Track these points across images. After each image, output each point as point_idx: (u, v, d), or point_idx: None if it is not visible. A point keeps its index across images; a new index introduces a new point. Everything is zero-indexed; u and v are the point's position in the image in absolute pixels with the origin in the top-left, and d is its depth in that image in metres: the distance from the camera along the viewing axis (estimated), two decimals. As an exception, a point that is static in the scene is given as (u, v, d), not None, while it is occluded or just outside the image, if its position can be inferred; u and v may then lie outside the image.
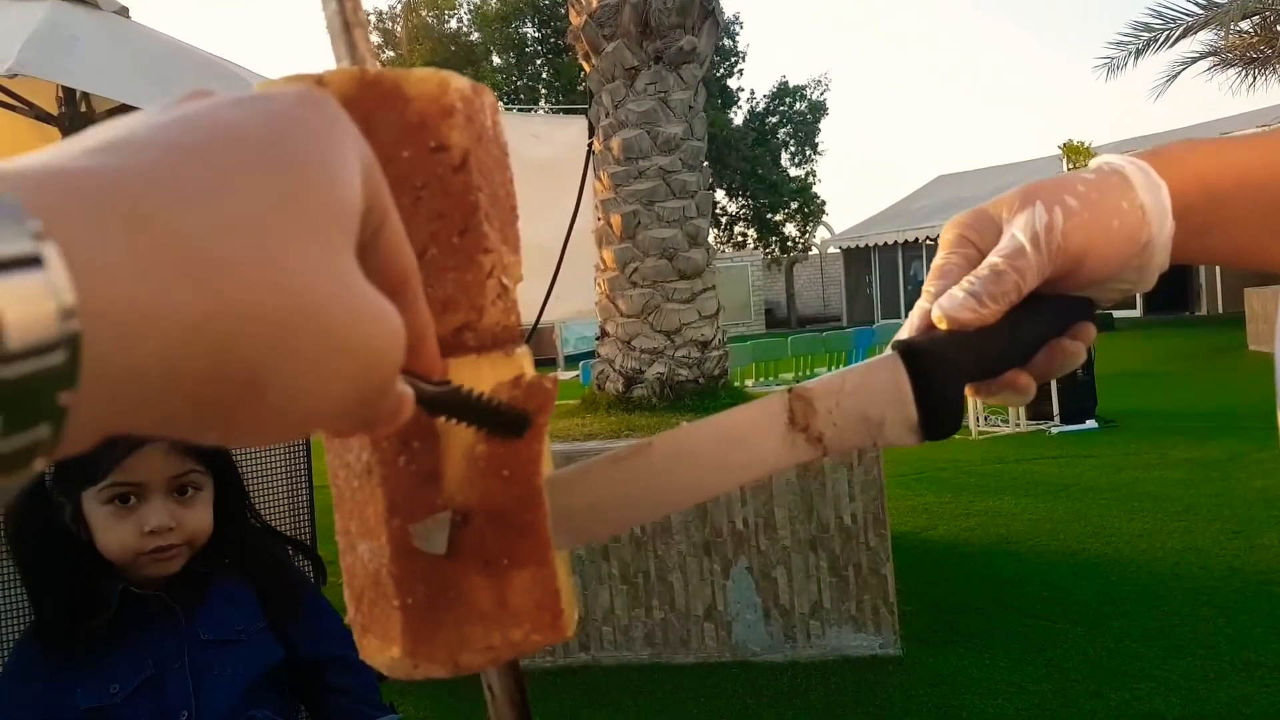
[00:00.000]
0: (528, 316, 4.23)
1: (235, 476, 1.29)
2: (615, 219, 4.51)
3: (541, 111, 20.47)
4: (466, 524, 0.39)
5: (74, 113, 4.08)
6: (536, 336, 5.11)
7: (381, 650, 0.39)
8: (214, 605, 1.20)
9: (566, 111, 10.76)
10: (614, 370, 4.62)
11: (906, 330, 0.53)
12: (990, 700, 2.92)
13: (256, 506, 1.38)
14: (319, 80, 0.36)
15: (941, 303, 0.50)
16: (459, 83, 0.38)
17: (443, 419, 0.36)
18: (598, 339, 4.77)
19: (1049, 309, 0.52)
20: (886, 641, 3.40)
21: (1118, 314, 18.98)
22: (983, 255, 0.52)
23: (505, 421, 0.38)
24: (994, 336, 0.50)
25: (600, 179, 4.60)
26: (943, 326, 0.50)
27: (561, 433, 4.03)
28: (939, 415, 0.49)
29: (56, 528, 1.17)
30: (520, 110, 19.04)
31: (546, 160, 5.48)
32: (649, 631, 3.68)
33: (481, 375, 0.40)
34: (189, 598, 1.18)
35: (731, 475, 0.48)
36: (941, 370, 0.49)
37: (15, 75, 3.05)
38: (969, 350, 0.49)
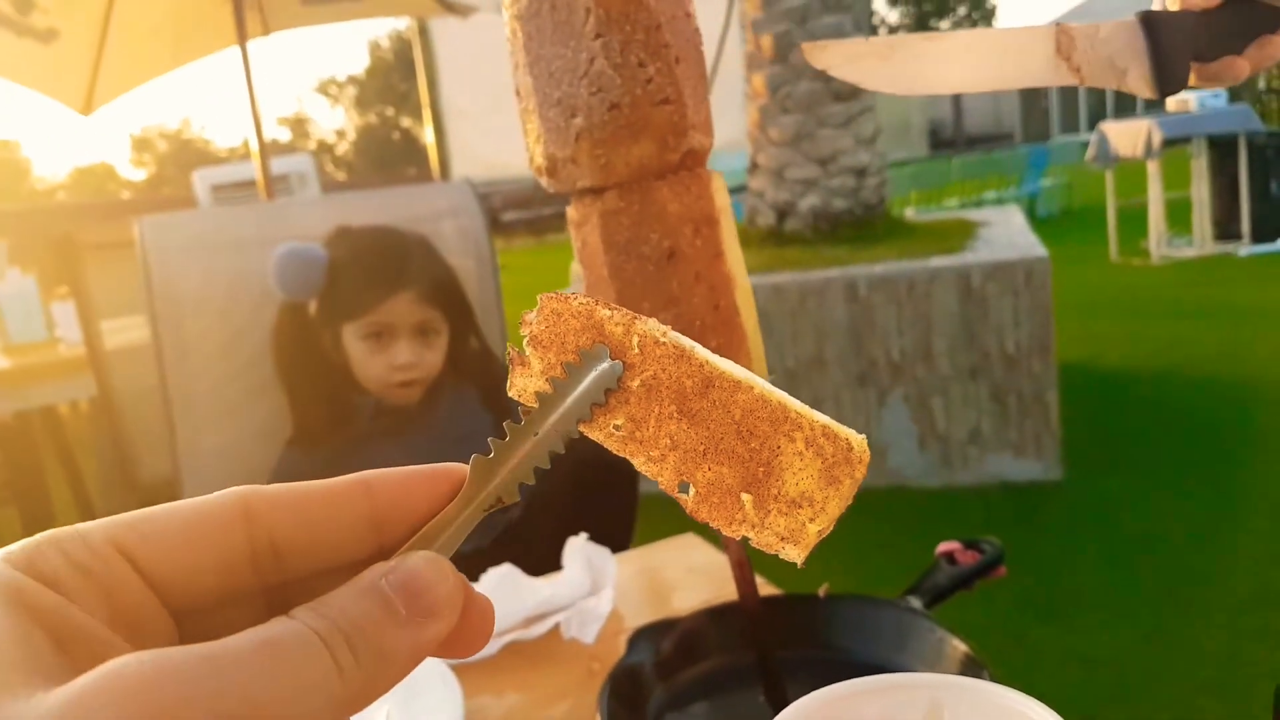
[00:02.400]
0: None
1: (469, 316, 1.49)
2: (765, 40, 4.34)
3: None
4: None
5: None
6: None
7: None
8: (449, 408, 1.41)
9: (713, -72, 10.20)
10: (764, 204, 4.56)
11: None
12: (1154, 523, 2.88)
13: None
14: None
15: None
16: None
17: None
18: (748, 171, 4.69)
19: (1262, 11, 0.64)
20: (1048, 467, 3.37)
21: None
22: None
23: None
24: (1217, 20, 0.63)
25: (749, -1, 4.41)
26: (1174, 7, 0.63)
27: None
28: (1169, 73, 0.63)
29: (316, 352, 1.40)
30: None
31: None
32: (805, 458, 3.77)
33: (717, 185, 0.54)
34: (429, 407, 1.39)
35: (1004, 75, 0.64)
36: (1172, 36, 0.63)
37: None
38: (1195, 27, 0.63)
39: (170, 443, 1.60)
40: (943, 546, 0.90)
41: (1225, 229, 6.92)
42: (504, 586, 0.91)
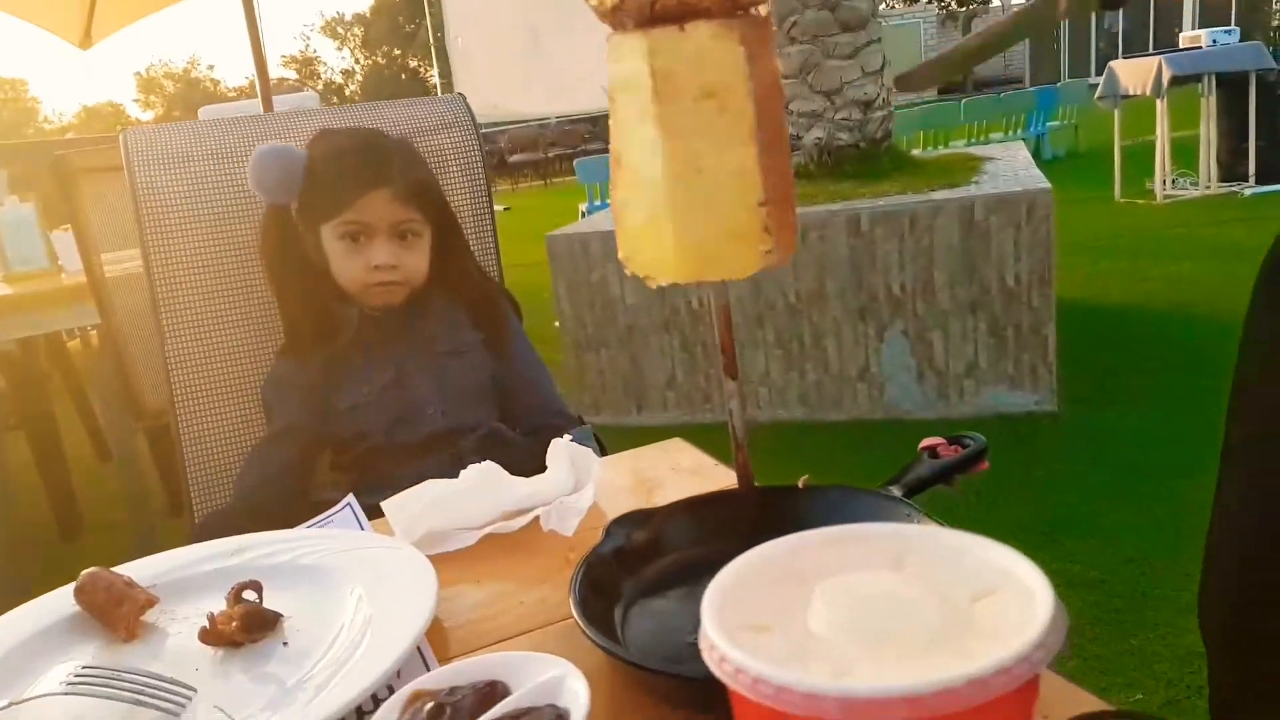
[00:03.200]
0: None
1: (453, 226, 1.45)
2: (769, -31, 4.24)
3: None
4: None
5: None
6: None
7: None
8: (436, 323, 1.39)
9: None
10: (768, 135, 4.49)
11: None
12: (1146, 454, 2.89)
13: None
14: None
15: None
16: None
17: None
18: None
19: None
20: (1043, 399, 3.37)
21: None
22: None
23: None
24: None
25: (753, -75, 4.30)
26: None
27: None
28: None
29: (301, 258, 1.38)
30: None
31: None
32: (803, 393, 3.78)
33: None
34: (415, 319, 1.37)
35: (1037, 23, 0.69)
36: None
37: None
38: None
39: (163, 361, 1.59)
40: (926, 441, 0.89)
41: (1231, 169, 6.83)
42: (483, 482, 0.90)
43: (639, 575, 0.75)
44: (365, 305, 1.36)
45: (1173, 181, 7.13)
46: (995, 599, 0.37)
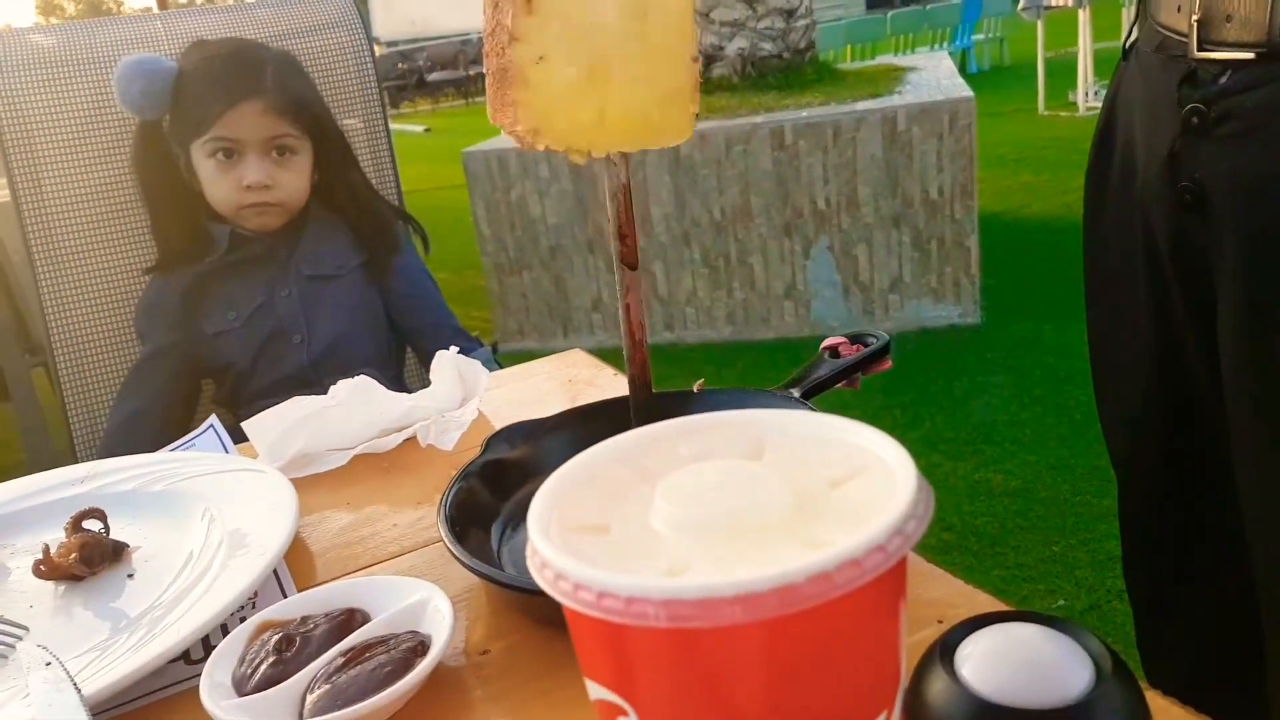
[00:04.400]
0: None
1: (338, 140, 1.34)
2: None
3: None
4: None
5: None
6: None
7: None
8: (312, 245, 1.30)
9: None
10: (691, 47, 4.37)
11: None
12: (1065, 360, 2.93)
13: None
14: None
15: None
16: None
17: None
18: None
19: None
20: (966, 311, 3.39)
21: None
22: None
23: None
24: None
25: None
26: None
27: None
28: None
29: (175, 176, 1.29)
30: None
31: None
32: (730, 311, 3.75)
33: None
34: (290, 240, 1.28)
35: None
36: None
37: None
38: None
39: (33, 280, 1.48)
40: (828, 341, 0.85)
41: (1154, 79, 6.90)
42: (357, 398, 0.84)
43: (522, 490, 0.70)
44: (239, 229, 1.27)
45: (1095, 93, 7.16)
46: (857, 484, 0.33)
